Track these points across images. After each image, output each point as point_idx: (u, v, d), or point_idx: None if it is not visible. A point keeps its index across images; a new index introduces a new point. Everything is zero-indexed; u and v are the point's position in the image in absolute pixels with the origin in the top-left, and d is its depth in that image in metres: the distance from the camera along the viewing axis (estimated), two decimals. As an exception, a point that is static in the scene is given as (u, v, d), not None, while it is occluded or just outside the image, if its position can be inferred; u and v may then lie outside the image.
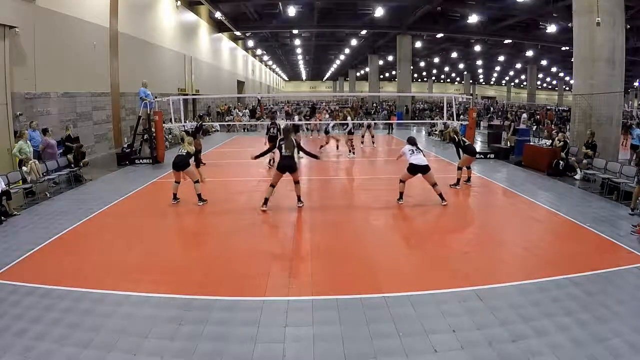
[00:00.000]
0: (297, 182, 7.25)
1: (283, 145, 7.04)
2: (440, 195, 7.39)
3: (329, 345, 3.32)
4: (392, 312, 3.76)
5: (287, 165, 7.01)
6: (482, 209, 7.75)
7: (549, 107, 38.83)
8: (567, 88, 48.50)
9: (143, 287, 4.24)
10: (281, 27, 26.93)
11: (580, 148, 10.27)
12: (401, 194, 7.59)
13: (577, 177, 9.71)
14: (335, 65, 51.62)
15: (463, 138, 9.12)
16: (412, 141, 7.49)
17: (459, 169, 8.92)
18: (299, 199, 7.32)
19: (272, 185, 7.11)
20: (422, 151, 7.52)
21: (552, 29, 21.73)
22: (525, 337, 3.39)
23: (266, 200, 7.11)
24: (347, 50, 37.19)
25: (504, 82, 63.09)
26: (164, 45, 18.27)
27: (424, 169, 7.31)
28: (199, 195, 7.48)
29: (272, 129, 11.05)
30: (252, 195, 8.70)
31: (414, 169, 7.36)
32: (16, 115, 9.43)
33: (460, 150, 8.93)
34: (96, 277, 4.52)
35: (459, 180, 8.88)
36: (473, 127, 13.09)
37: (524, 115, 22.03)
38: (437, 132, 18.76)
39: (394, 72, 40.58)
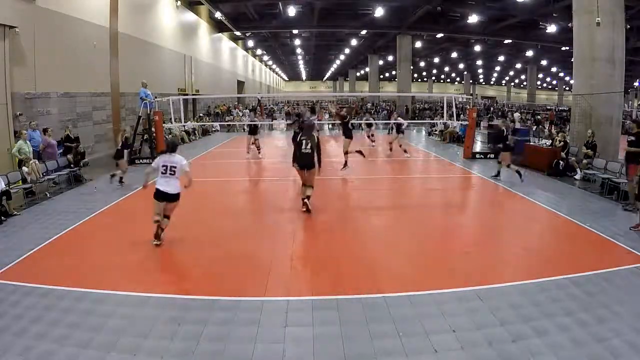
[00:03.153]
0: (310, 186, 6.89)
1: (304, 141, 6.80)
2: None
3: (329, 345, 3.32)
4: (392, 312, 3.76)
5: (307, 163, 6.79)
6: (482, 209, 7.75)
7: (549, 107, 38.84)
8: (567, 88, 48.47)
9: (143, 287, 4.24)
10: (281, 27, 26.90)
11: (580, 148, 10.27)
12: None
13: (577, 177, 9.71)
14: (335, 65, 51.56)
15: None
16: None
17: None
18: (306, 203, 6.83)
19: (304, 185, 6.97)
20: None
21: (552, 29, 21.71)
22: (525, 337, 3.39)
23: (304, 201, 6.90)
24: (347, 50, 37.17)
25: (504, 82, 63.06)
26: (164, 45, 18.26)
27: None
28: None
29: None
30: (252, 195, 8.72)
31: None
32: (16, 115, 9.42)
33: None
34: (96, 277, 4.52)
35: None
36: (473, 127, 13.10)
37: (517, 114, 22.03)
38: (437, 132, 18.76)
39: (394, 72, 40.55)
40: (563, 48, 25.98)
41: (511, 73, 53.38)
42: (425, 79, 64.28)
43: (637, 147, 7.58)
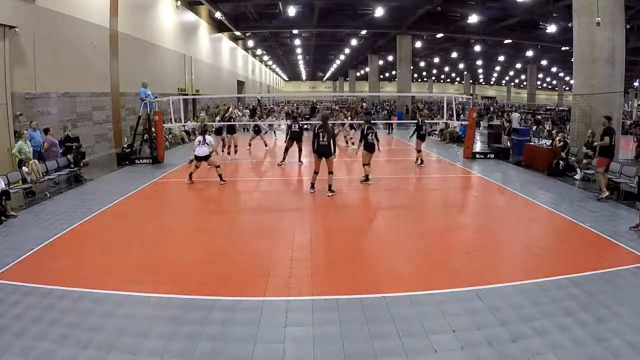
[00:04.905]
0: (330, 172, 7.94)
1: (320, 133, 7.80)
2: None
3: (329, 345, 3.32)
4: (392, 312, 3.76)
5: (325, 152, 7.86)
6: (482, 209, 7.75)
7: (549, 107, 38.83)
8: (567, 88, 48.48)
9: (143, 287, 4.24)
10: (281, 27, 26.90)
11: (580, 148, 10.26)
12: None
13: (577, 177, 9.71)
14: (335, 65, 51.55)
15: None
16: None
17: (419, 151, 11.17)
18: (329, 188, 7.93)
19: (316, 172, 8.04)
20: None
21: (552, 29, 21.70)
22: (525, 337, 3.39)
23: (313, 185, 8.10)
24: (347, 50, 37.15)
25: (504, 82, 63.05)
26: (164, 45, 18.26)
27: None
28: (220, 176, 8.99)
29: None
30: (251, 195, 8.72)
31: None
32: (16, 115, 9.42)
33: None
34: (96, 277, 4.52)
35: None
36: (473, 127, 13.09)
37: (515, 114, 22.02)
38: (437, 132, 18.76)
39: (394, 72, 40.55)
40: (563, 48, 25.99)
41: (511, 73, 53.38)
42: (425, 79, 64.28)
43: (603, 134, 7.98)
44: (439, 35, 26.34)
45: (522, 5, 19.08)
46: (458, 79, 62.49)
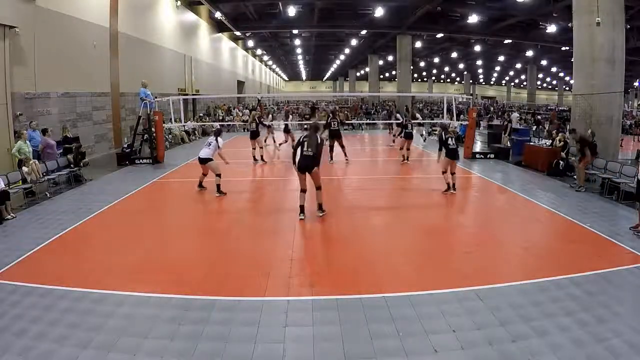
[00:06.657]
0: (318, 188, 6.58)
1: (306, 142, 6.48)
2: None
3: (329, 345, 3.32)
4: (392, 312, 3.76)
5: (306, 166, 6.41)
6: (482, 209, 7.75)
7: (550, 107, 38.84)
8: (567, 88, 48.46)
9: (143, 287, 4.24)
10: (281, 27, 26.89)
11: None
12: None
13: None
14: (335, 65, 51.54)
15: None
16: None
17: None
18: (319, 207, 6.66)
19: (303, 190, 6.53)
20: None
21: (552, 29, 21.73)
22: (525, 337, 3.38)
23: (302, 209, 6.56)
24: (347, 50, 37.14)
25: (504, 82, 63.06)
26: (164, 45, 18.26)
27: None
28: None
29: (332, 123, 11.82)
30: (252, 196, 8.72)
31: None
32: (16, 115, 9.43)
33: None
34: (96, 277, 4.52)
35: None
36: (473, 127, 13.11)
37: (514, 114, 22.04)
38: (436, 132, 18.76)
39: (394, 72, 40.53)
40: (563, 48, 25.98)
41: (511, 73, 53.38)
42: (425, 79, 64.27)
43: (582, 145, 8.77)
44: (439, 35, 26.33)
45: (522, 5, 19.08)
46: (458, 79, 62.47)
